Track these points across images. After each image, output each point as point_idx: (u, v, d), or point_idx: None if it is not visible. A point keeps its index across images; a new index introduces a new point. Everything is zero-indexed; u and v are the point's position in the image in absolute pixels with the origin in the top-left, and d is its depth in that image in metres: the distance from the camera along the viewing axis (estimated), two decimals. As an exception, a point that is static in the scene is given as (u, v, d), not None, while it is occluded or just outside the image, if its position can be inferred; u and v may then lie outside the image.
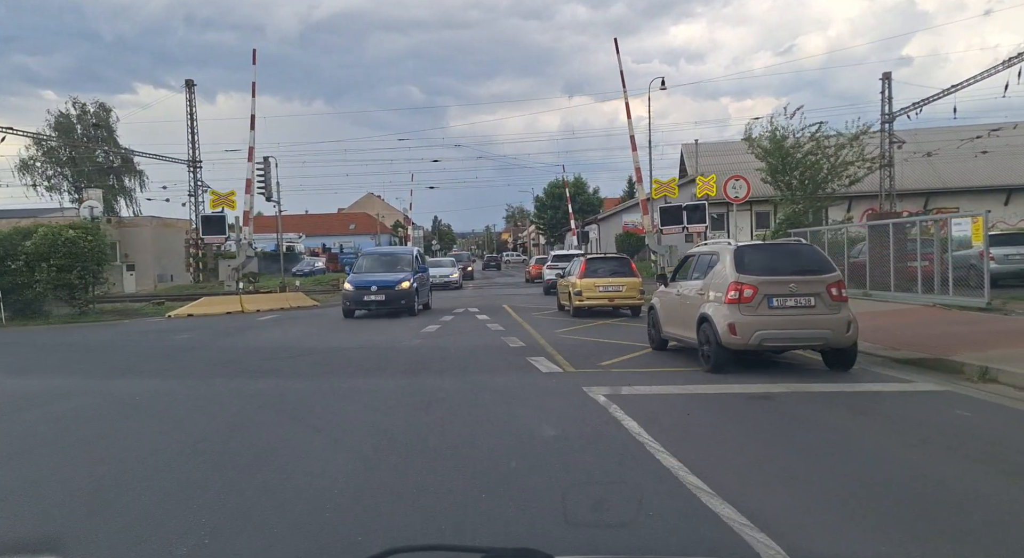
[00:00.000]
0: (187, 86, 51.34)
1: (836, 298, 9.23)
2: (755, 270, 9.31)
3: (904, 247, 17.59)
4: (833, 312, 9.15)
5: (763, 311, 9.10)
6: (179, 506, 4.63)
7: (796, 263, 9.56)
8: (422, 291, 21.19)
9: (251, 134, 25.56)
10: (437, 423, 6.96)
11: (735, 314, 9.11)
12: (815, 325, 9.05)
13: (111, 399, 8.84)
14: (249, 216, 25.63)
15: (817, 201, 24.39)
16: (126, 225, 49.10)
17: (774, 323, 9.07)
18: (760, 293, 9.12)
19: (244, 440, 6.52)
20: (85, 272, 21.27)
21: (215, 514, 4.45)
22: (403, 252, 23.23)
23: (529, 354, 11.53)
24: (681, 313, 10.68)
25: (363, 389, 9.06)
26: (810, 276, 9.30)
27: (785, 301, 9.14)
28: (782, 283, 9.19)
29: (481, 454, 5.80)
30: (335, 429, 6.91)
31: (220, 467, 5.61)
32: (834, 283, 9.30)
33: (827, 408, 7.28)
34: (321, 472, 5.42)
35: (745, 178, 19.33)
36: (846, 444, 5.93)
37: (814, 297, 9.16)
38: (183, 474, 5.43)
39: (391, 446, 6.19)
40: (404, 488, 4.99)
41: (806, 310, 9.11)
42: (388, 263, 21.42)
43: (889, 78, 42.83)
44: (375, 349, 13.07)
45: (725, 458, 5.62)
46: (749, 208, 46.19)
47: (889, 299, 17.22)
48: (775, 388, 8.27)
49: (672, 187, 24.64)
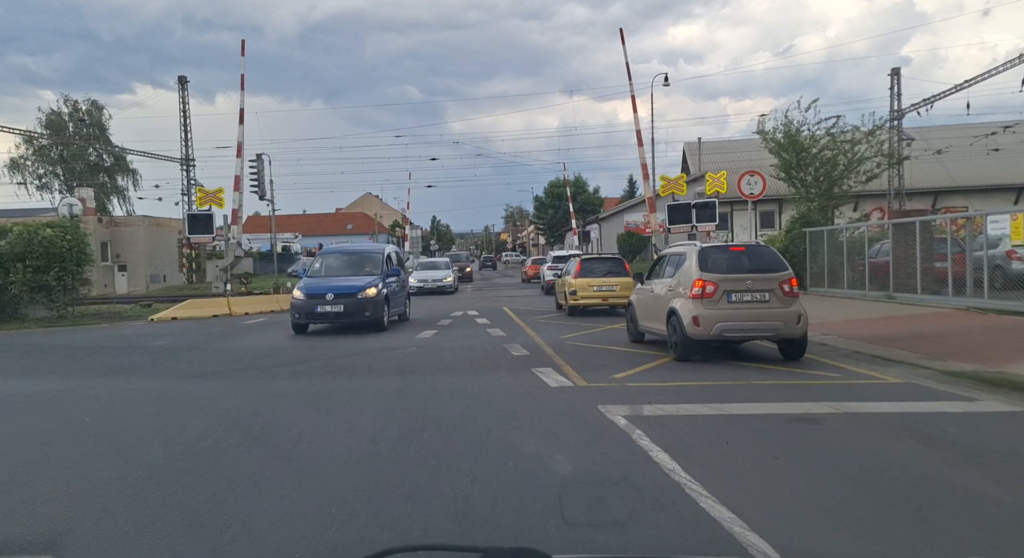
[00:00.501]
0: (180, 83, 50.26)
1: (788, 294, 10.25)
2: (717, 269, 10.34)
3: (931, 246, 16.52)
4: (785, 306, 10.18)
5: (723, 305, 10.14)
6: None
7: (753, 263, 10.51)
8: (395, 299, 17.22)
9: (240, 128, 24.53)
10: (430, 453, 5.88)
11: (699, 308, 10.14)
12: (769, 318, 10.12)
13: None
14: (238, 214, 24.55)
15: (832, 199, 23.28)
16: (118, 225, 47.98)
17: (732, 316, 10.12)
18: (720, 289, 10.15)
19: (201, 475, 5.43)
20: (63, 273, 20.13)
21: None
22: (371, 250, 18.44)
23: (535, 364, 10.45)
24: (654, 308, 11.61)
25: (344, 406, 7.97)
26: (765, 274, 10.29)
27: (742, 296, 10.18)
28: (740, 280, 10.21)
29: (482, 496, 4.73)
30: (310, 458, 5.83)
31: (162, 518, 4.52)
32: (786, 280, 10.31)
33: (888, 436, 6.19)
34: (288, 517, 4.36)
35: (761, 174, 18.23)
36: (935, 491, 4.84)
37: (768, 293, 10.18)
38: (124, 524, 4.35)
39: (373, 484, 5.11)
40: (382, 541, 3.94)
41: (761, 304, 10.16)
42: (351, 264, 17.26)
43: (898, 74, 41.76)
44: (360, 356, 11.99)
45: (786, 507, 4.52)
46: (754, 207, 45.25)
47: (916, 302, 16.15)
48: (818, 408, 7.20)
49: (680, 184, 23.56)
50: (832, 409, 7.13)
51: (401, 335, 15.08)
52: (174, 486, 5.17)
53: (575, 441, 6.22)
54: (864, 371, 9.39)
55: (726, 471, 5.26)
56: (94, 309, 24.21)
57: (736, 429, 6.45)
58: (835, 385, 8.54)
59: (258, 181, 32.69)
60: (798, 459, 5.55)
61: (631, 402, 7.63)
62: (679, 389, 8.44)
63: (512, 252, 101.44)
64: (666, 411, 7.20)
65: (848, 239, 19.24)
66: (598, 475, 5.22)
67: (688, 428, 6.53)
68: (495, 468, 5.40)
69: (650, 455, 5.60)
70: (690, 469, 5.16)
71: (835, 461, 5.52)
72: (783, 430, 6.43)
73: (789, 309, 10.14)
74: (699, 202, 22.03)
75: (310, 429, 6.86)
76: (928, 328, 13.11)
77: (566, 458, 5.67)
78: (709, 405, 7.40)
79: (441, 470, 5.38)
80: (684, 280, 10.58)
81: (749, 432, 6.35)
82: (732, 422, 6.70)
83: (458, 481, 5.11)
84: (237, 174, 24.69)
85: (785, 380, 8.87)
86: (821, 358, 10.53)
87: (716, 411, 7.16)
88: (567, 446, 6.05)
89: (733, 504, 4.41)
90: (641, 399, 7.78)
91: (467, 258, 57.13)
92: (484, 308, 21.88)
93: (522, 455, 5.78)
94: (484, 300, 26.51)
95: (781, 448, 5.83)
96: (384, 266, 16.92)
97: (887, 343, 11.39)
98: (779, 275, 10.31)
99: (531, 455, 5.78)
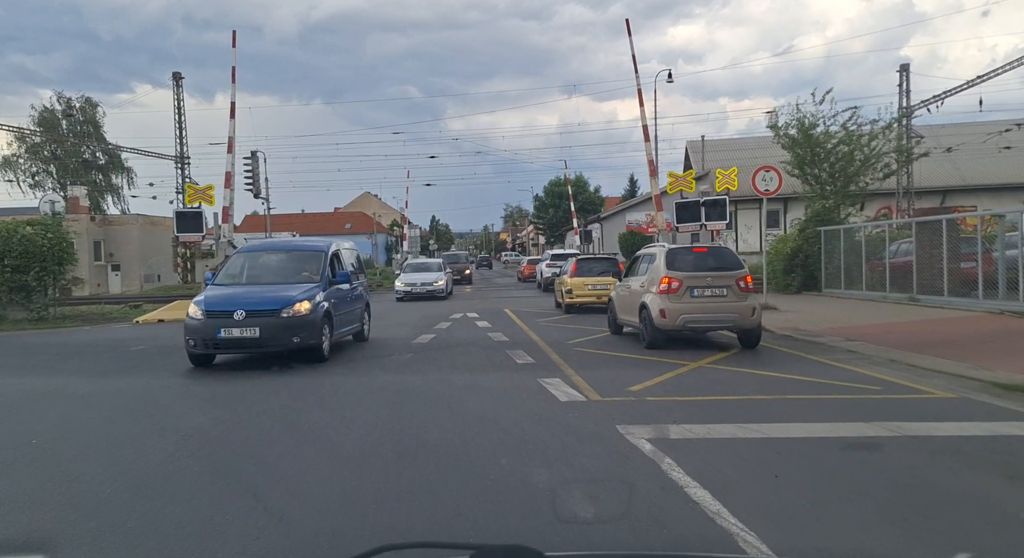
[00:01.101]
0: (174, 79, 49.31)
1: (743, 289, 11.47)
2: (682, 267, 11.56)
3: (957, 246, 15.60)
4: (741, 300, 11.40)
5: (687, 299, 11.35)
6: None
7: (713, 262, 11.77)
8: (343, 315, 12.39)
9: (231, 123, 23.53)
10: (424, 487, 4.96)
11: (665, 302, 11.36)
12: (726, 310, 11.36)
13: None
14: (229, 212, 23.57)
15: (848, 196, 22.32)
16: (111, 223, 47.08)
17: (695, 309, 11.36)
18: (684, 285, 11.34)
19: (149, 516, 4.51)
20: (44, 273, 19.20)
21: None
22: (309, 248, 13.25)
23: (541, 374, 9.53)
24: (629, 303, 12.75)
25: (326, 427, 7.05)
26: (723, 272, 11.54)
27: (704, 291, 11.41)
28: (701, 278, 11.43)
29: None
30: (282, 494, 4.91)
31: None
32: (742, 278, 11.55)
33: (965, 466, 5.27)
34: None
35: (776, 169, 17.29)
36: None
37: (726, 288, 11.39)
38: None
39: (356, 529, 4.19)
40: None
41: (719, 298, 11.40)
42: (281, 267, 12.45)
43: (907, 70, 40.82)
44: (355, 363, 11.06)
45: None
46: (759, 206, 44.28)
47: (943, 305, 15.24)
48: (871, 429, 6.27)
49: (689, 181, 22.61)
50: (888, 431, 6.21)
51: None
52: (116, 529, 4.24)
53: (595, 472, 5.30)
54: (907, 383, 8.48)
55: (782, 515, 4.34)
56: (80, 310, 23.28)
57: (783, 458, 5.52)
58: (880, 400, 7.62)
59: (253, 179, 31.82)
60: (870, 500, 4.60)
61: (654, 421, 6.71)
62: (705, 405, 7.51)
63: (512, 252, 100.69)
64: (696, 433, 6.27)
65: (867, 236, 18.33)
66: (628, 522, 4.29)
67: (726, 456, 5.60)
68: (503, 509, 4.48)
69: (687, 493, 4.68)
70: (739, 513, 4.24)
71: (915, 500, 4.60)
72: (838, 459, 5.50)
73: (744, 303, 11.39)
74: (709, 200, 21.05)
75: (288, 453, 5.94)
76: (962, 333, 12.21)
77: (586, 496, 4.76)
78: (744, 426, 6.48)
79: (438, 513, 4.47)
80: (654, 277, 11.80)
81: (799, 462, 5.43)
82: (776, 448, 5.77)
83: (456, 525, 4.20)
84: (228, 170, 23.69)
85: (821, 394, 7.95)
86: (855, 367, 9.61)
87: (754, 434, 6.23)
88: (586, 479, 5.13)
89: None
90: (665, 418, 6.86)
91: (466, 258, 51.95)
92: (485, 309, 20.95)
93: (534, 490, 4.87)
94: (485, 301, 25.57)
95: (843, 483, 4.91)
96: (326, 270, 11.92)
97: (922, 349, 10.49)
98: (736, 273, 11.58)
99: (545, 490, 4.87)
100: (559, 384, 8.74)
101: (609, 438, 6.15)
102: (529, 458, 5.63)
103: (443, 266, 30.78)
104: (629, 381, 8.89)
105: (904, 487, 4.86)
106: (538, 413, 7.22)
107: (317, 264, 12.23)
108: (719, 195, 21.63)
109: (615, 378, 9.19)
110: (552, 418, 6.99)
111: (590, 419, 6.92)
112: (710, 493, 4.64)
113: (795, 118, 22.32)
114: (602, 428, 6.50)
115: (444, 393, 8.47)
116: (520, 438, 6.25)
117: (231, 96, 23.58)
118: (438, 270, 29.13)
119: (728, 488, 4.77)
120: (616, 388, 8.46)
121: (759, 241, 44.23)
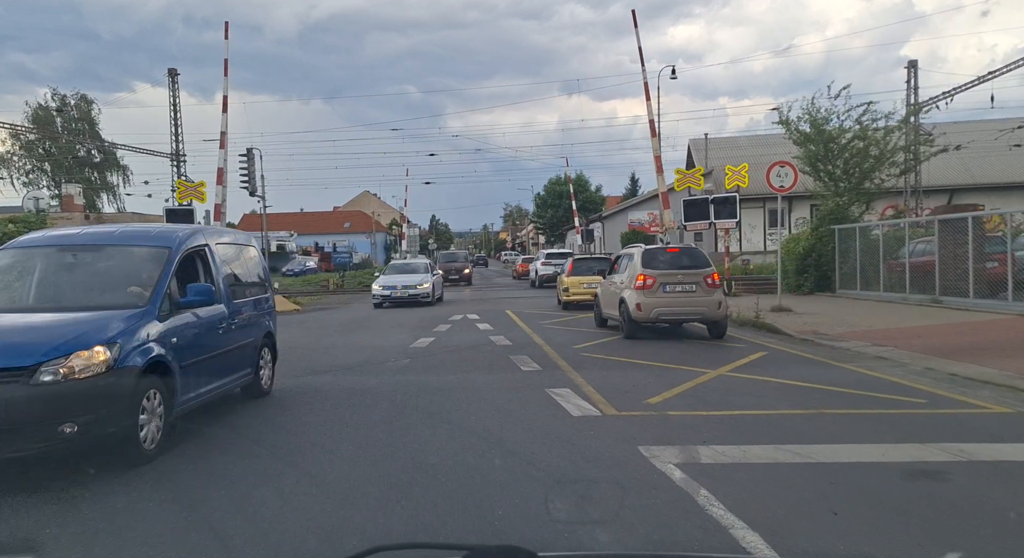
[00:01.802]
0: (169, 76, 48.48)
1: (711, 286, 12.72)
2: (655, 266, 12.84)
3: (982, 245, 14.83)
4: (708, 295, 12.63)
5: (660, 294, 12.59)
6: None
7: (684, 261, 13.09)
8: (209, 364, 7.11)
9: (223, 117, 22.77)
10: (418, 521, 4.19)
11: (641, 296, 12.57)
12: (695, 304, 12.59)
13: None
14: (221, 210, 22.80)
15: (863, 194, 21.52)
16: (105, 222, 46.31)
17: (667, 302, 12.59)
18: (658, 282, 12.58)
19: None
20: (26, 273, 18.38)
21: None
22: (136, 243, 7.25)
23: (549, 383, 8.76)
24: (610, 298, 14.05)
25: (312, 446, 6.28)
26: (693, 270, 12.79)
27: (675, 287, 12.63)
28: (673, 275, 12.67)
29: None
30: (253, 535, 4.14)
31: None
32: (709, 275, 12.78)
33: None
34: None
35: (792, 165, 16.51)
36: None
37: (695, 284, 12.63)
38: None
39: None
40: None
41: (689, 293, 12.60)
42: (76, 281, 6.97)
43: (915, 66, 40.06)
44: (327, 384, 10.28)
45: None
46: (762, 205, 43.49)
47: (970, 307, 14.47)
48: (930, 453, 5.49)
49: (697, 178, 21.86)
50: (949, 454, 5.44)
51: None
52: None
53: (620, 508, 4.52)
54: (952, 395, 7.71)
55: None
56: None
57: (837, 490, 4.74)
58: (929, 416, 6.85)
59: (248, 177, 30.99)
60: (950, 545, 3.85)
61: (680, 441, 5.94)
62: (734, 422, 6.73)
63: (511, 251, 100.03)
64: (731, 457, 5.50)
65: (885, 235, 17.56)
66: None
67: (770, 486, 4.84)
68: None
69: (734, 536, 3.92)
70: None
71: (1009, 544, 3.84)
72: (902, 491, 4.72)
73: (712, 297, 12.64)
74: (719, 197, 20.31)
75: (263, 483, 5.17)
76: (998, 337, 11.45)
77: (613, 540, 3.98)
78: (782, 447, 5.71)
79: None
80: (631, 275, 12.98)
81: (858, 495, 4.64)
82: (827, 477, 4.99)
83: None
84: (220, 166, 22.93)
85: (861, 408, 7.18)
86: (890, 376, 8.84)
87: (796, 457, 5.46)
88: (610, 517, 4.35)
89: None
90: (692, 437, 6.09)
91: (465, 258, 46.78)
92: (486, 310, 20.16)
93: (550, 531, 4.11)
94: (485, 302, 24.79)
95: (916, 525, 4.13)
96: (166, 283, 6.63)
97: (959, 356, 9.74)
98: (704, 271, 12.82)
99: (562, 531, 4.12)
100: (569, 395, 7.97)
101: (632, 463, 5.38)
102: (541, 489, 4.85)
103: (431, 267, 27.44)
104: (646, 392, 8.12)
105: (987, 526, 4.09)
106: (549, 431, 6.44)
107: (154, 272, 6.67)
108: (729, 192, 20.86)
109: (630, 388, 8.42)
110: (564, 438, 6.22)
111: (608, 438, 6.15)
112: (761, 537, 3.89)
113: (808, 112, 21.50)
114: (623, 451, 5.73)
115: (443, 406, 7.70)
116: (529, 463, 5.47)
117: (223, 89, 22.83)
118: (424, 271, 25.79)
119: (782, 530, 4.01)
120: (633, 400, 7.69)
121: (763, 240, 43.64)
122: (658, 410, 7.22)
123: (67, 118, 58.73)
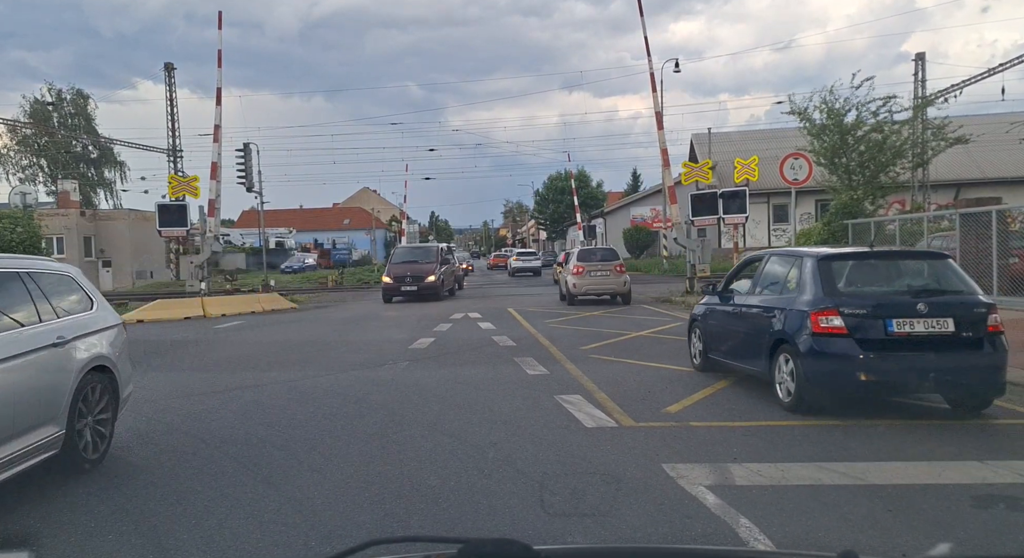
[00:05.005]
0: (166, 70, 47.97)
1: (619, 272, 19.45)
2: (584, 259, 19.82)
3: (1006, 240, 14.17)
4: (618, 278, 19.37)
5: (586, 278, 19.32)
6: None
7: (603, 255, 20.20)
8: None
9: (217, 110, 22.13)
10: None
11: (575, 279, 19.36)
12: (608, 284, 19.41)
13: None
14: (215, 205, 22.18)
15: (879, 188, 20.85)
16: (102, 218, 45.63)
17: (591, 283, 19.37)
18: (586, 270, 19.32)
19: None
20: (13, 270, 17.76)
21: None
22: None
23: (557, 388, 8.13)
24: (562, 280, 21.41)
25: (299, 464, 5.66)
26: (607, 262, 19.65)
27: (595, 273, 19.36)
28: (594, 264, 19.55)
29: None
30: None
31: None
32: (618, 264, 19.68)
33: None
34: None
35: (806, 157, 15.85)
36: None
37: (609, 271, 19.36)
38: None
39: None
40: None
41: (604, 277, 19.34)
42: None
43: (923, 59, 39.42)
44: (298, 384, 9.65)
45: None
46: (766, 200, 42.82)
47: (1000, 305, 13.81)
48: (998, 474, 4.85)
49: (706, 171, 21.20)
50: (1017, 475, 4.82)
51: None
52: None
53: (650, 541, 3.90)
54: (1002, 402, 7.08)
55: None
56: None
57: (898, 519, 4.12)
58: (983, 427, 6.24)
59: (245, 172, 30.31)
60: None
61: (709, 458, 5.32)
62: (766, 434, 6.10)
63: (509, 248, 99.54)
64: (768, 477, 4.88)
65: (901, 229, 16.91)
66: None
67: (820, 515, 4.21)
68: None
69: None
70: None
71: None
72: (976, 522, 4.10)
73: (619, 279, 19.33)
74: (727, 191, 19.68)
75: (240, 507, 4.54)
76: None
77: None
78: (826, 466, 5.08)
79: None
80: (571, 265, 19.88)
81: (924, 526, 4.02)
82: (883, 503, 4.36)
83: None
84: (214, 161, 22.28)
85: (906, 418, 6.56)
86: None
87: (843, 478, 4.84)
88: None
89: None
90: (722, 453, 5.47)
91: (438, 255, 25.49)
92: (487, 309, 19.54)
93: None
94: (487, 299, 24.17)
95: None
96: None
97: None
98: (615, 262, 19.67)
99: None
100: (581, 403, 7.35)
101: (658, 485, 4.76)
102: (560, 522, 4.23)
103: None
104: (663, 399, 7.50)
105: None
106: (561, 446, 5.82)
107: None
108: (738, 186, 20.21)
109: (646, 394, 7.80)
110: (579, 454, 5.59)
111: (627, 455, 5.53)
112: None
113: (825, 102, 20.78)
114: (645, 469, 5.11)
115: (444, 416, 7.06)
116: (542, 485, 4.85)
117: (217, 81, 22.19)
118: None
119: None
120: (650, 409, 7.07)
121: (767, 236, 42.96)
122: (678, 420, 6.59)
123: (63, 113, 58.01)
